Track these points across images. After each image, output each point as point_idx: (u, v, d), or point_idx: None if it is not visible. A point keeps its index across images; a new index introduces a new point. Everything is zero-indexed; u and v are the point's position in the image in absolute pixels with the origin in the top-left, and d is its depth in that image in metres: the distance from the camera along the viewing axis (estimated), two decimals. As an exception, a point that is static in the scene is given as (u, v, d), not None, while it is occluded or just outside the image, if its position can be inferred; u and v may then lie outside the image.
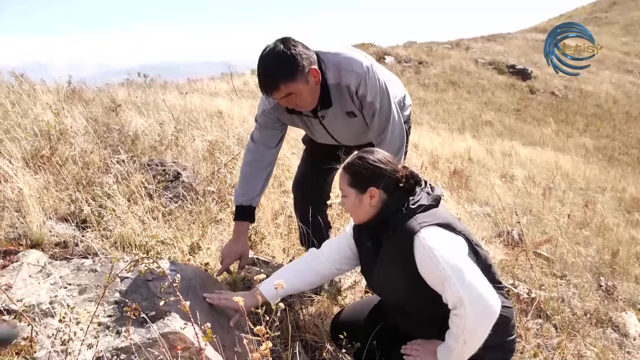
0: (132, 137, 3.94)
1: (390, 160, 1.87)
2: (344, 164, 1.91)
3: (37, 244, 2.40)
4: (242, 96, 8.92)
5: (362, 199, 1.85)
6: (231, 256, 2.41)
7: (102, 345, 1.69)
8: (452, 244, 1.72)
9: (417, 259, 1.71)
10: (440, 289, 1.67)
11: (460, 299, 1.57)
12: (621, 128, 16.19)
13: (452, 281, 1.59)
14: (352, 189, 1.87)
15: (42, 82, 5.35)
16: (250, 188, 2.45)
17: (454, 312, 1.63)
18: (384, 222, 1.83)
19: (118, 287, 1.96)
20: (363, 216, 1.90)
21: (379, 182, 1.83)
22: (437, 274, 1.64)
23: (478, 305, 1.57)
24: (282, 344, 2.22)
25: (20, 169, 2.82)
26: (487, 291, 1.59)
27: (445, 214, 1.83)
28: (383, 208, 1.85)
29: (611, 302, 3.75)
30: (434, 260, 1.65)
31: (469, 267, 1.64)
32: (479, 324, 1.59)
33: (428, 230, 1.71)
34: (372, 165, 1.84)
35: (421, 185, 1.88)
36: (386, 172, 1.84)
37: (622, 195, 7.97)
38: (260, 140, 2.47)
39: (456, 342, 1.65)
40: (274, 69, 2.04)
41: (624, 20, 31.57)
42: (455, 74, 19.34)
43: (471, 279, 1.60)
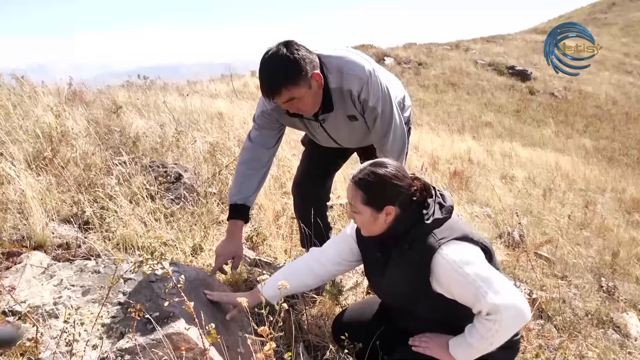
0: (133, 138, 3.94)
1: (404, 174, 1.82)
2: (355, 178, 1.82)
3: (40, 245, 2.40)
4: (242, 98, 8.93)
5: (378, 217, 1.80)
6: (224, 255, 2.33)
7: (107, 346, 1.70)
8: (474, 256, 1.73)
9: (440, 275, 1.71)
10: (472, 301, 1.68)
11: (495, 306, 1.61)
12: (621, 129, 16.20)
13: (484, 291, 1.62)
14: (366, 207, 1.80)
15: (42, 84, 5.36)
16: (245, 187, 2.38)
17: (485, 317, 1.65)
18: (397, 237, 1.81)
19: (122, 288, 1.96)
20: (376, 231, 1.86)
21: (395, 200, 1.78)
22: (467, 286, 1.66)
23: (513, 312, 1.62)
24: (285, 344, 2.22)
25: (22, 171, 2.83)
26: (519, 296, 1.65)
27: (460, 225, 1.82)
28: (398, 223, 1.81)
29: (612, 303, 3.75)
30: (462, 274, 1.66)
31: (497, 276, 1.69)
32: (511, 328, 1.66)
33: (449, 247, 1.72)
34: (388, 182, 1.77)
35: (432, 196, 1.84)
36: (403, 189, 1.79)
37: (622, 196, 7.98)
38: (258, 140, 2.41)
39: (480, 342, 1.69)
40: (276, 73, 2.02)
41: (624, 21, 31.61)
42: (454, 75, 19.35)
43: (503, 287, 1.64)
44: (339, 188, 4.17)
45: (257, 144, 2.41)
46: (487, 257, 1.80)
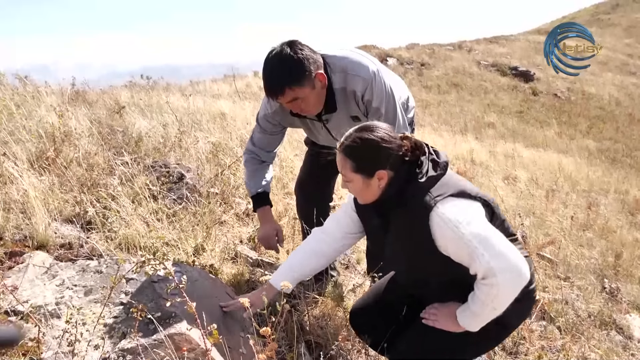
0: (135, 139, 3.95)
1: (392, 135, 1.74)
2: (343, 147, 1.75)
3: (43, 245, 2.41)
4: (244, 98, 8.93)
5: (370, 183, 1.74)
6: (270, 237, 2.49)
7: (109, 347, 1.70)
8: (471, 214, 1.67)
9: (437, 234, 1.66)
10: (467, 261, 1.64)
11: (490, 269, 1.57)
12: (624, 130, 16.15)
13: (479, 252, 1.58)
14: (357, 175, 1.74)
15: (46, 84, 5.37)
16: (257, 179, 2.52)
17: (483, 282, 1.62)
18: (393, 199, 1.75)
19: (124, 289, 1.97)
20: (370, 197, 1.80)
21: (386, 163, 1.72)
22: (462, 247, 1.62)
23: (509, 274, 1.57)
24: (287, 345, 2.22)
25: (25, 171, 2.83)
26: (516, 257, 1.59)
27: (456, 181, 1.76)
28: (392, 185, 1.75)
29: (615, 304, 3.74)
30: (458, 233, 1.61)
31: (494, 234, 1.63)
32: (510, 291, 1.60)
33: (444, 204, 1.66)
34: (376, 146, 1.71)
35: (425, 153, 1.77)
36: (392, 151, 1.72)
37: (626, 197, 7.95)
38: (260, 144, 2.50)
39: (483, 308, 1.66)
40: (280, 73, 2.02)
41: (627, 22, 31.53)
42: (457, 76, 19.33)
43: (499, 248, 1.59)
44: (340, 189, 4.17)
45: (259, 147, 2.50)
46: (488, 211, 1.76)
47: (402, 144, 1.74)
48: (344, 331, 2.45)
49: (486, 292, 1.61)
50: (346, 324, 2.50)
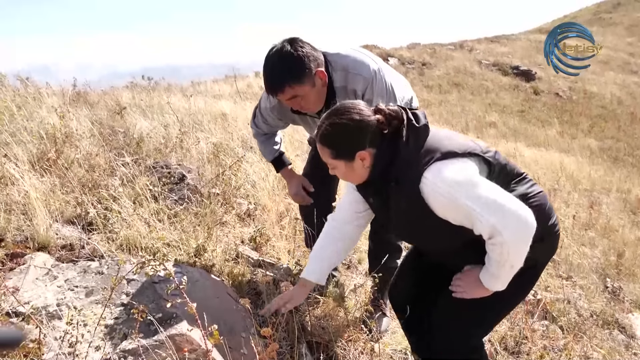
0: (137, 139, 3.95)
1: (363, 113, 1.67)
2: (317, 136, 1.73)
3: (44, 246, 2.41)
4: (245, 98, 8.93)
5: (353, 166, 1.71)
6: (297, 190, 2.65)
7: (110, 348, 1.70)
8: (462, 174, 1.60)
9: (432, 203, 1.61)
10: (469, 223, 1.60)
11: (494, 228, 1.52)
12: (626, 129, 16.11)
13: (478, 213, 1.53)
14: (338, 161, 1.72)
15: (47, 85, 5.38)
16: (270, 146, 2.67)
17: (491, 242, 1.58)
18: (383, 177, 1.70)
19: (125, 290, 1.97)
20: (359, 179, 1.77)
21: (364, 143, 1.66)
22: (460, 211, 1.58)
23: (514, 227, 1.53)
24: (288, 345, 2.22)
25: (26, 172, 2.83)
26: (517, 207, 1.54)
27: (440, 141, 1.68)
28: (377, 163, 1.69)
29: (617, 304, 3.73)
30: (452, 199, 1.56)
31: (489, 190, 1.57)
32: (521, 244, 1.55)
33: (433, 171, 1.60)
34: (349, 129, 1.65)
35: (404, 119, 1.69)
36: (367, 129, 1.66)
37: (628, 196, 7.93)
38: (263, 129, 2.60)
39: (501, 269, 1.62)
40: (280, 70, 2.02)
41: (629, 20, 31.46)
42: (459, 76, 19.30)
43: (497, 203, 1.54)
44: (342, 188, 4.16)
45: (263, 130, 2.61)
46: (482, 161, 1.69)
47: (377, 119, 1.67)
48: (346, 331, 2.45)
49: (498, 252, 1.57)
50: (347, 324, 2.50)
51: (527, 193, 1.74)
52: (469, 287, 1.78)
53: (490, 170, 1.70)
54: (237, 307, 2.18)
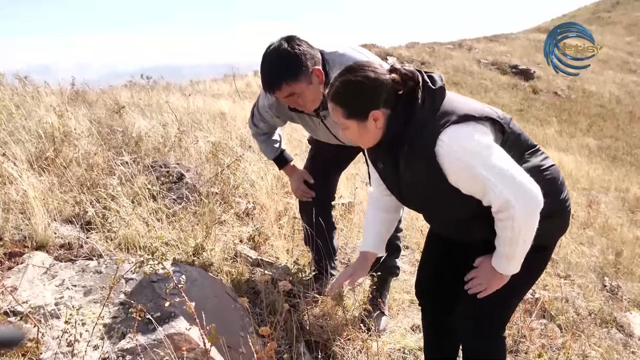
0: (135, 138, 3.95)
1: (378, 71, 1.61)
2: (330, 95, 1.65)
3: (42, 245, 2.41)
4: (244, 97, 8.92)
5: (367, 126, 1.62)
6: (298, 184, 2.70)
7: (108, 347, 1.70)
8: (479, 140, 1.55)
9: (446, 167, 1.56)
10: (480, 193, 1.56)
11: (506, 200, 1.49)
12: (625, 128, 16.12)
13: (492, 183, 1.50)
14: (351, 120, 1.63)
15: (45, 84, 5.37)
16: (270, 144, 2.68)
17: (499, 217, 1.55)
18: (396, 139, 1.63)
19: (123, 289, 1.97)
20: (372, 141, 1.69)
21: (378, 102, 1.59)
22: (473, 178, 1.53)
23: (526, 201, 1.50)
24: (287, 344, 2.22)
25: (24, 171, 2.83)
26: (528, 181, 1.52)
27: (457, 104, 1.62)
28: (390, 125, 1.62)
29: (615, 302, 3.74)
30: (467, 164, 1.52)
31: (504, 161, 1.53)
32: (531, 219, 1.52)
33: (449, 134, 1.54)
34: (362, 86, 1.59)
35: (419, 81, 1.63)
36: (381, 87, 1.59)
37: (626, 195, 7.94)
38: (262, 128, 2.60)
39: (514, 246, 1.57)
40: (277, 68, 2.03)
41: (628, 20, 31.47)
42: (458, 75, 19.30)
43: (511, 175, 1.51)
44: (341, 188, 4.17)
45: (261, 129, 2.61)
46: (498, 129, 1.64)
47: (392, 78, 1.60)
48: (344, 330, 2.45)
49: (509, 227, 1.54)
50: (346, 322, 2.50)
51: (541, 165, 1.70)
52: (487, 280, 1.73)
53: (505, 138, 1.65)
54: (235, 306, 2.18)
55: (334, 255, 2.91)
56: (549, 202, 1.55)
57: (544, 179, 1.60)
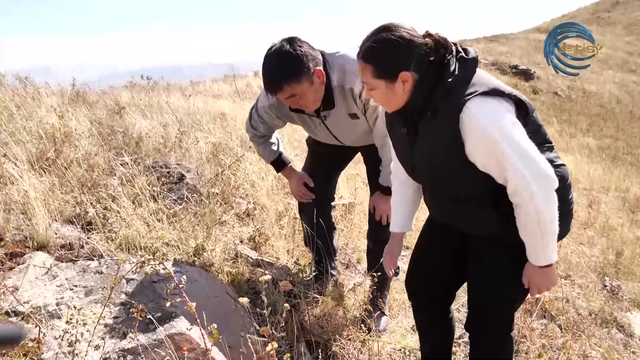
0: (136, 139, 3.95)
1: (412, 33, 1.57)
2: (361, 53, 1.60)
3: (43, 246, 2.41)
4: (244, 98, 8.92)
5: (395, 88, 1.59)
6: (298, 186, 2.68)
7: (109, 347, 1.70)
8: (503, 113, 1.53)
9: (467, 136, 1.53)
10: (495, 169, 1.55)
11: (523, 177, 1.48)
12: (625, 128, 16.12)
13: (513, 159, 1.48)
14: (379, 80, 1.59)
15: (46, 85, 5.38)
16: (268, 147, 2.64)
17: (516, 201, 1.54)
18: (422, 104, 1.61)
19: (124, 289, 1.97)
20: (397, 104, 1.65)
21: (409, 64, 1.55)
22: (494, 152, 1.51)
23: (541, 179, 1.49)
24: (287, 344, 2.22)
25: (25, 172, 2.84)
26: (544, 162, 1.51)
27: (487, 78, 1.60)
28: (418, 89, 1.59)
29: (616, 302, 3.74)
30: (490, 137, 1.49)
31: (526, 140, 1.52)
32: (549, 197, 1.51)
33: (476, 103, 1.51)
34: (395, 46, 1.55)
35: (452, 50, 1.61)
36: (415, 50, 1.55)
37: (626, 195, 7.94)
38: (260, 130, 2.56)
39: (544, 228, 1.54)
40: (278, 69, 2.04)
41: (627, 19, 31.46)
42: (458, 75, 19.30)
43: (531, 154, 1.50)
44: (341, 188, 4.17)
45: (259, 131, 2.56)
46: (521, 113, 1.61)
47: (424, 42, 1.57)
48: (345, 330, 2.45)
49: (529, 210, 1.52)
50: (346, 323, 2.51)
51: (554, 161, 1.69)
52: (538, 284, 1.68)
53: (526, 123, 1.62)
54: (236, 306, 2.19)
55: (334, 255, 2.91)
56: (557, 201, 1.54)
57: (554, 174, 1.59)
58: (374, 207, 2.52)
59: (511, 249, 1.67)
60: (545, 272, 1.63)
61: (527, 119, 1.63)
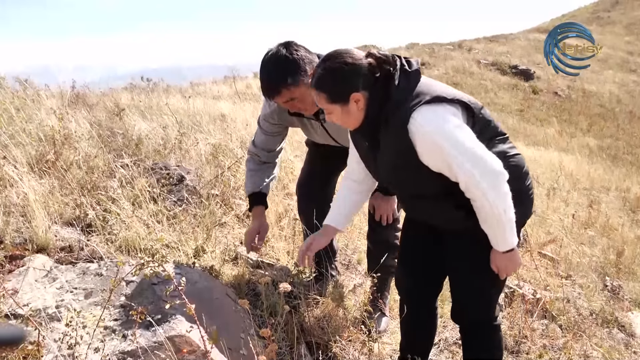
0: (135, 141, 3.95)
1: (355, 56, 1.71)
2: (314, 83, 1.75)
3: (43, 248, 2.41)
4: (244, 99, 8.92)
5: (349, 109, 1.73)
6: (250, 233, 2.51)
7: (109, 349, 1.70)
8: (449, 120, 1.66)
9: (418, 145, 1.66)
10: (448, 171, 1.67)
11: (471, 175, 1.61)
12: (625, 127, 16.13)
13: (460, 161, 1.61)
14: (334, 105, 1.74)
15: (46, 87, 5.37)
16: (255, 180, 2.55)
17: (471, 197, 1.67)
18: (376, 119, 1.75)
19: (124, 291, 1.97)
20: (355, 122, 1.79)
21: (357, 85, 1.70)
22: (442, 156, 1.64)
23: (488, 173, 1.62)
24: (288, 346, 2.22)
25: (25, 174, 2.83)
26: (489, 156, 1.64)
27: (431, 86, 1.72)
28: (370, 106, 1.73)
29: (617, 302, 3.73)
30: (436, 142, 1.63)
31: (472, 141, 1.65)
32: (499, 187, 1.64)
33: (421, 112, 1.64)
34: (342, 71, 1.69)
35: (396, 65, 1.73)
36: (360, 71, 1.69)
37: (627, 194, 7.94)
38: (261, 145, 2.54)
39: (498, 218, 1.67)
40: (275, 73, 2.05)
41: (627, 19, 31.46)
42: (458, 75, 19.31)
43: (476, 152, 1.62)
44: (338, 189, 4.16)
45: (261, 148, 2.53)
46: (468, 114, 1.75)
47: (368, 62, 1.71)
48: (345, 331, 2.45)
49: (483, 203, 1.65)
50: (346, 324, 2.50)
51: (507, 152, 1.81)
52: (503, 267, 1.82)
53: (474, 123, 1.76)
54: (236, 308, 2.18)
55: (333, 256, 2.91)
56: (514, 189, 1.68)
57: (508, 165, 1.71)
58: (373, 208, 2.52)
59: (480, 239, 1.79)
60: (509, 257, 1.78)
61: (475, 118, 1.76)
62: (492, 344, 2.06)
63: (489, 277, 1.88)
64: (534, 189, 1.92)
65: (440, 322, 2.85)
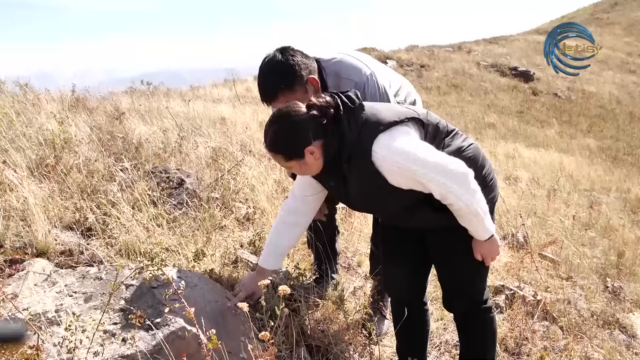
0: (135, 144, 3.95)
1: (299, 111, 1.79)
2: (267, 146, 1.85)
3: (43, 252, 2.41)
4: (244, 102, 8.93)
5: (306, 161, 1.82)
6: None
7: (108, 353, 1.70)
8: (407, 143, 1.77)
9: (385, 173, 1.76)
10: (421, 187, 1.79)
11: (443, 185, 1.73)
12: (625, 128, 16.12)
13: (430, 176, 1.73)
14: (292, 162, 1.83)
15: (46, 91, 5.38)
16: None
17: (448, 204, 1.79)
18: (335, 161, 1.83)
19: (123, 295, 1.97)
20: (316, 170, 1.88)
21: (308, 138, 1.78)
22: (411, 176, 1.75)
23: (457, 178, 1.75)
24: (288, 349, 2.22)
25: (25, 178, 2.83)
26: (451, 161, 1.78)
27: (379, 113, 1.81)
28: (327, 151, 1.81)
29: (618, 304, 3.73)
30: (403, 167, 1.74)
31: (433, 154, 1.77)
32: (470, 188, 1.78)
33: (380, 144, 1.75)
34: (291, 130, 1.78)
35: (339, 106, 1.80)
36: (306, 125, 1.77)
37: (627, 195, 7.93)
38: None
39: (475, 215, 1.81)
40: (272, 79, 2.06)
41: (626, 20, 31.49)
42: (457, 77, 19.32)
43: (438, 162, 1.75)
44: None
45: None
46: (418, 124, 1.86)
47: (311, 114, 1.78)
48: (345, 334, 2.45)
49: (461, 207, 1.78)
50: (347, 327, 2.50)
51: (461, 146, 1.94)
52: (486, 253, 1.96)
53: (426, 130, 1.89)
54: (235, 311, 2.18)
55: (334, 259, 2.91)
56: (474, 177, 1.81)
57: (466, 157, 1.87)
58: None
59: (459, 230, 1.91)
60: (490, 243, 1.93)
61: (425, 126, 1.89)
62: (484, 326, 2.18)
63: (473, 264, 2.00)
64: (493, 171, 2.05)
65: (441, 324, 2.85)
